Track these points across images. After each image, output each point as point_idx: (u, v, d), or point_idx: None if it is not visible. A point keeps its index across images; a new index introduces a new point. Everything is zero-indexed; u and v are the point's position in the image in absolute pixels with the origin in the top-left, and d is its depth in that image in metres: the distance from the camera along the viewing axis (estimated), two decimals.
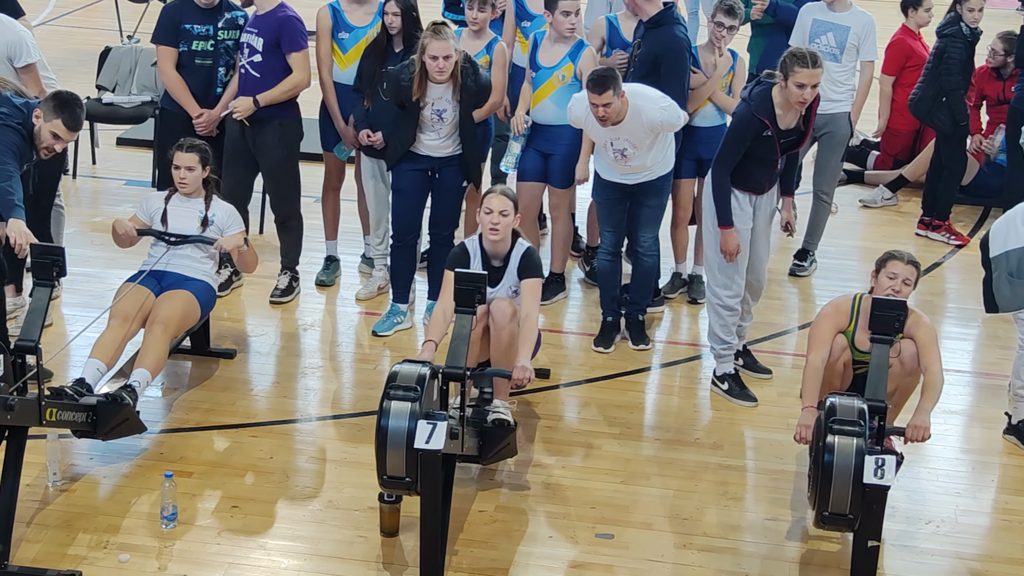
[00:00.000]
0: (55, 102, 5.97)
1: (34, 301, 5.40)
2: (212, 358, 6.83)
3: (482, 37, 7.41)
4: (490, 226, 5.94)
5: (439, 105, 6.79)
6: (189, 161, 6.49)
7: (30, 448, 5.31)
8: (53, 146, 6.03)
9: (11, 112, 5.95)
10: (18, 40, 6.96)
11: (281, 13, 7.19)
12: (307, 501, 5.61)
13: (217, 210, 6.56)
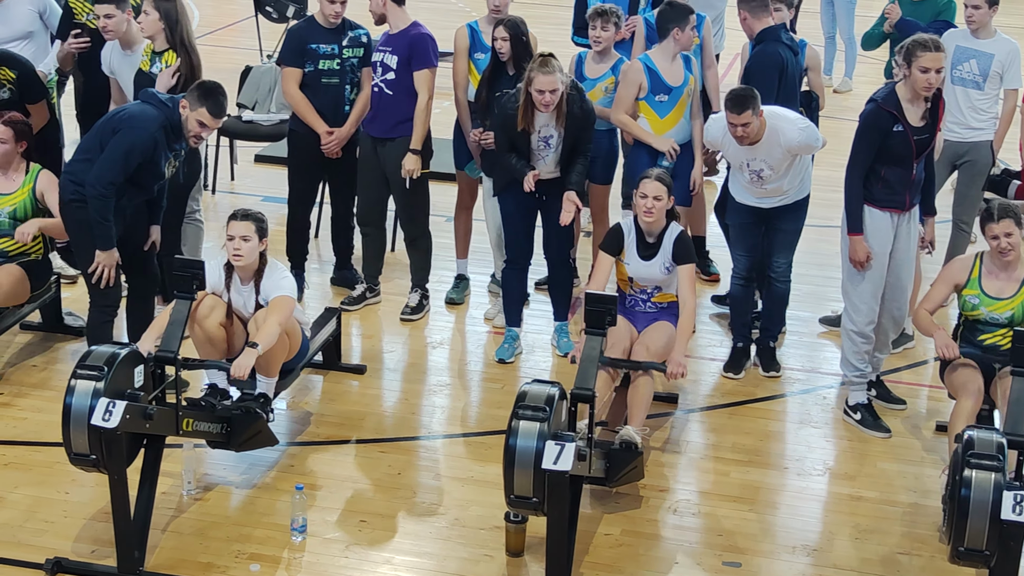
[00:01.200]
0: (200, 91, 6.14)
1: (174, 313, 5.52)
2: (343, 373, 6.91)
3: (607, 58, 7.45)
4: (644, 209, 6.15)
5: (545, 132, 6.82)
6: (244, 230, 5.94)
7: (166, 457, 5.43)
8: (200, 133, 6.20)
9: (156, 107, 6.14)
10: None
11: (414, 31, 7.28)
12: (434, 518, 5.64)
13: (265, 287, 6.07)
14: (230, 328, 6.03)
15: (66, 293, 7.29)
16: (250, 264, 5.97)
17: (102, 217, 6.09)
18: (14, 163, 6.76)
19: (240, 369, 5.58)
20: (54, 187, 6.61)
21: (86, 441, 4.97)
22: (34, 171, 6.80)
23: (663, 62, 7.22)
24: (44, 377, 6.72)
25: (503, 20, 7.18)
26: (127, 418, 4.96)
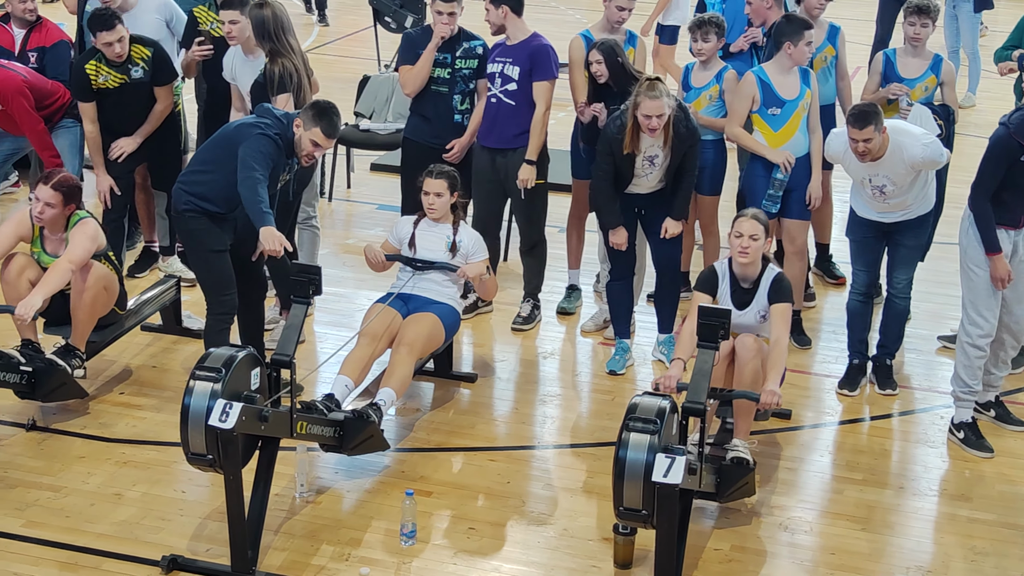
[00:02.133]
0: (314, 111, 6.21)
1: (290, 318, 5.60)
2: (454, 381, 6.95)
3: (711, 66, 7.42)
4: (739, 249, 5.95)
5: (651, 152, 6.79)
6: (438, 187, 6.63)
7: (280, 459, 5.50)
8: (313, 153, 6.27)
9: (272, 123, 6.22)
10: None
11: (536, 42, 7.31)
12: (542, 527, 5.64)
13: (464, 236, 6.68)
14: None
15: (186, 296, 7.42)
16: (443, 215, 6.67)
17: (256, 196, 6.00)
18: (60, 224, 6.45)
19: (471, 270, 6.39)
20: (80, 234, 6.38)
21: (203, 441, 5.06)
22: (72, 222, 6.44)
23: (776, 75, 7.15)
24: (163, 378, 6.86)
25: (596, 44, 7.18)
26: (243, 420, 5.04)
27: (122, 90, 7.47)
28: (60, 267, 6.21)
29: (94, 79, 7.41)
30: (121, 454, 6.08)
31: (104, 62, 7.40)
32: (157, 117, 7.65)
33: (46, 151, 7.70)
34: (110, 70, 7.43)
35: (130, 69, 7.46)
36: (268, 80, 7.00)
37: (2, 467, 5.90)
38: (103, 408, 6.50)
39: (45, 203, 6.33)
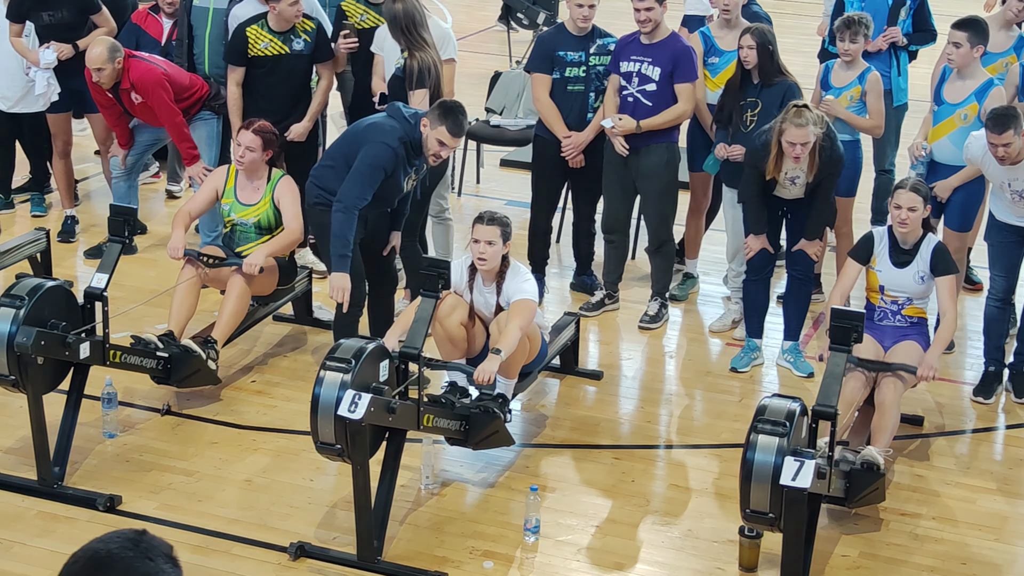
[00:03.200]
0: (440, 110, 6.25)
1: (419, 311, 5.64)
2: (580, 378, 6.95)
3: (854, 67, 7.31)
4: (899, 220, 6.05)
5: (793, 174, 6.72)
6: (490, 235, 6.06)
7: (406, 451, 5.54)
8: (439, 152, 6.30)
9: (399, 122, 6.28)
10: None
11: (678, 43, 7.28)
12: (667, 527, 5.61)
13: (509, 290, 6.11)
14: (471, 328, 6.13)
15: (317, 287, 7.53)
16: (493, 267, 6.06)
17: (342, 235, 6.17)
18: (259, 172, 6.80)
19: (484, 374, 5.67)
20: (289, 194, 6.74)
21: (332, 431, 5.12)
22: (275, 178, 6.83)
23: (954, 75, 7.09)
24: (294, 367, 6.97)
25: (749, 28, 7.12)
26: (371, 411, 5.09)
27: (279, 60, 7.56)
28: (291, 233, 6.73)
29: (253, 44, 7.51)
30: (252, 441, 6.19)
31: (267, 29, 7.51)
32: (323, 94, 7.74)
33: (184, 142, 7.86)
34: (272, 37, 7.53)
35: (292, 40, 7.56)
36: (407, 75, 7.06)
37: (138, 451, 6.05)
38: (235, 395, 6.62)
39: (246, 147, 6.67)
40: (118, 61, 7.59)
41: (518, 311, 5.91)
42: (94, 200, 9.24)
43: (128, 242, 6.21)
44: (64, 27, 8.25)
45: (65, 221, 8.64)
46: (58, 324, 5.70)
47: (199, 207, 6.91)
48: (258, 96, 7.64)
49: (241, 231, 6.84)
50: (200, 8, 8.05)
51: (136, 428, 6.27)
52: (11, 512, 5.50)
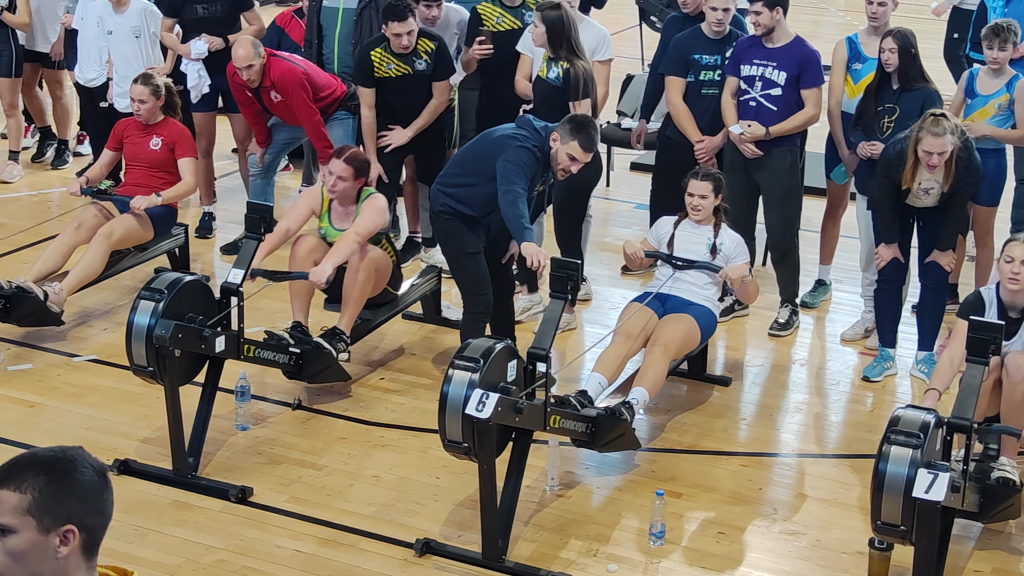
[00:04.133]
0: (572, 124, 6.24)
1: (548, 312, 5.66)
2: (707, 384, 6.89)
3: (1001, 74, 7.16)
4: (1010, 275, 5.67)
5: (928, 184, 6.60)
6: (703, 189, 6.58)
7: (532, 452, 5.55)
8: (569, 167, 6.29)
9: (530, 134, 6.28)
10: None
11: (804, 48, 7.20)
12: (794, 537, 5.54)
13: (725, 238, 6.61)
14: None
15: (446, 287, 7.59)
16: (706, 219, 6.61)
17: (516, 212, 6.13)
18: (351, 198, 6.72)
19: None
20: (370, 207, 6.66)
21: (460, 429, 5.16)
22: (363, 196, 6.74)
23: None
24: (422, 366, 7.03)
25: (892, 31, 7.01)
26: (499, 410, 5.11)
27: (403, 80, 7.67)
28: (348, 238, 6.52)
29: (378, 67, 7.63)
30: (380, 437, 6.26)
31: (389, 51, 7.61)
32: (431, 112, 7.82)
33: (320, 142, 7.98)
34: (395, 59, 7.63)
35: (414, 61, 7.65)
36: (572, 84, 7.02)
37: (269, 444, 6.16)
38: (364, 392, 6.70)
39: (338, 176, 6.62)
40: (262, 58, 7.75)
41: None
42: (230, 197, 9.42)
43: (263, 238, 6.32)
44: (217, 21, 8.45)
45: (203, 217, 8.84)
46: (195, 318, 5.83)
47: (296, 226, 6.78)
48: (390, 112, 7.75)
49: None
50: (330, 8, 8.18)
51: (268, 422, 6.38)
52: (147, 500, 5.64)
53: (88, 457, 2.42)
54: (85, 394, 6.56)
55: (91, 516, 2.40)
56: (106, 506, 2.43)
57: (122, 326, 6.25)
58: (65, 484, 2.37)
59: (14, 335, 7.09)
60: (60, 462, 2.39)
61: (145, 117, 7.61)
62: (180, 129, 7.69)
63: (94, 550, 2.42)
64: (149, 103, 7.56)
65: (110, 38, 8.57)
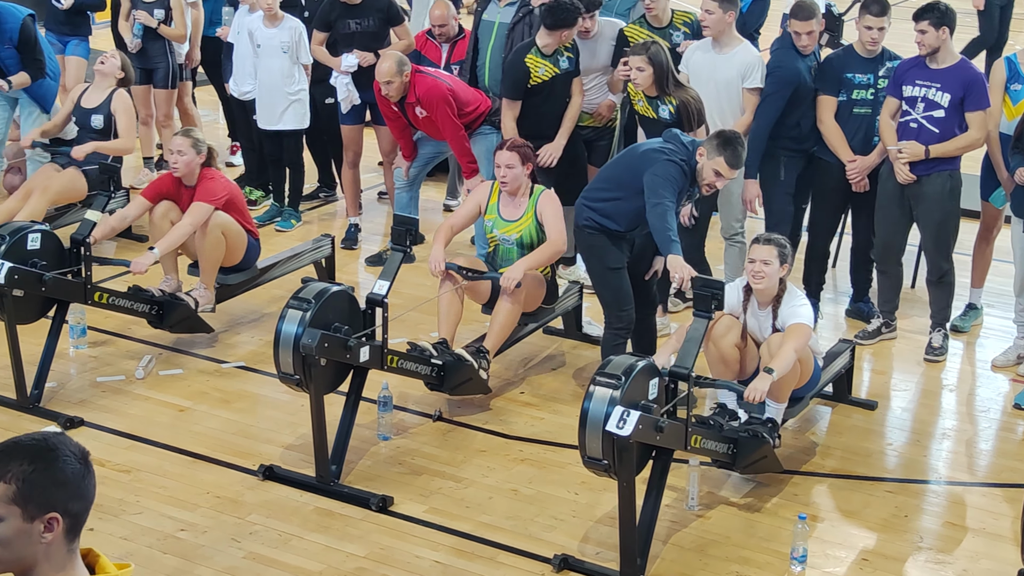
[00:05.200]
0: (719, 140, 6.20)
1: (691, 331, 5.61)
2: (853, 407, 6.77)
3: None
4: None
5: None
6: (766, 255, 6.00)
7: (672, 471, 5.51)
8: (714, 183, 6.25)
9: (677, 148, 6.25)
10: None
11: (969, 70, 7.05)
12: (940, 566, 5.40)
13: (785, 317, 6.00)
14: (743, 350, 6.06)
15: (587, 303, 7.58)
16: (769, 288, 5.98)
17: (664, 226, 6.12)
18: (521, 188, 6.80)
19: (754, 393, 5.60)
20: (552, 207, 6.74)
21: (600, 446, 5.13)
22: (537, 192, 6.83)
23: None
24: (562, 381, 7.03)
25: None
26: (640, 428, 5.08)
27: (553, 82, 7.70)
28: (553, 245, 6.67)
29: (533, 73, 7.65)
30: (519, 451, 6.27)
31: (539, 54, 7.65)
32: (574, 115, 7.81)
33: (464, 156, 8.05)
34: (545, 62, 7.66)
35: (559, 59, 7.68)
36: (685, 117, 6.95)
37: (410, 454, 6.21)
38: (504, 406, 6.73)
39: (506, 165, 6.71)
40: (405, 75, 7.84)
41: (793, 334, 5.82)
42: (375, 209, 9.55)
43: (408, 251, 6.39)
44: (368, 36, 8.61)
45: (349, 228, 8.97)
46: (341, 328, 5.91)
47: (462, 221, 7.00)
48: (529, 122, 7.74)
49: (504, 249, 6.91)
50: (487, 22, 8.26)
51: (409, 432, 6.44)
52: (290, 506, 5.73)
53: (70, 443, 2.51)
54: (233, 400, 6.70)
55: (74, 502, 2.49)
56: (88, 491, 2.52)
57: (269, 334, 6.38)
58: (48, 472, 2.46)
59: (166, 341, 7.27)
60: (42, 451, 2.48)
61: (182, 172, 7.14)
62: (207, 187, 7.18)
63: (76, 532, 2.51)
64: (188, 156, 7.10)
65: (259, 51, 8.76)
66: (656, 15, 7.85)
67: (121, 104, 8.41)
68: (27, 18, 8.74)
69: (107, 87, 8.45)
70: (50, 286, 6.52)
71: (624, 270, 6.46)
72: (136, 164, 9.91)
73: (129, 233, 8.64)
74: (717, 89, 7.33)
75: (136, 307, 6.93)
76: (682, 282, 6.00)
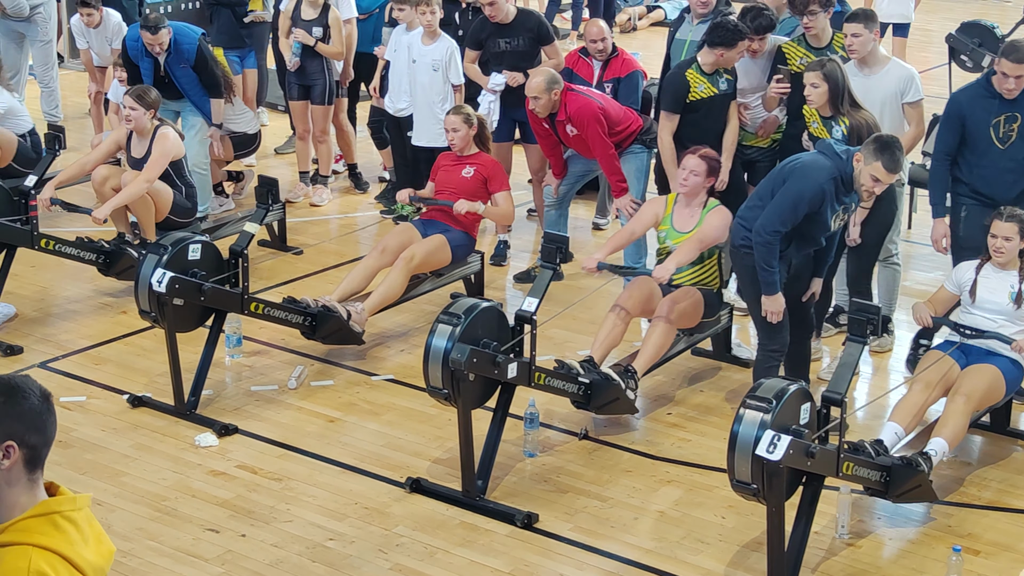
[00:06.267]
0: (876, 145, 6.10)
1: (845, 356, 5.51)
2: (1011, 438, 6.57)
3: None
4: None
5: None
6: (1008, 231, 6.26)
7: (822, 497, 5.41)
8: (872, 188, 6.15)
9: (830, 158, 6.18)
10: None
11: None
12: None
13: None
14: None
15: (736, 325, 7.50)
16: (1010, 263, 6.27)
17: (765, 263, 6.19)
18: (698, 198, 6.88)
19: None
20: (718, 221, 6.76)
21: (749, 470, 5.07)
22: (710, 206, 6.89)
23: None
24: (710, 403, 6.96)
25: None
26: (790, 453, 5.01)
27: (711, 102, 7.65)
28: (692, 243, 6.75)
29: (693, 89, 7.62)
30: (665, 473, 6.23)
31: (699, 71, 7.60)
32: (734, 136, 7.75)
33: (614, 175, 8.04)
34: (704, 79, 7.62)
35: (719, 80, 7.63)
36: (856, 137, 6.79)
37: (555, 472, 6.21)
38: (651, 426, 6.69)
39: (691, 171, 6.88)
40: (555, 92, 7.87)
41: None
42: (524, 226, 9.59)
43: (558, 268, 6.40)
44: (518, 55, 8.69)
45: (498, 245, 9.02)
46: (489, 343, 5.94)
47: (641, 229, 7.18)
48: (688, 141, 7.68)
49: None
50: (679, 41, 8.29)
51: (554, 450, 6.44)
52: (437, 520, 5.77)
53: (32, 384, 2.79)
54: (381, 412, 6.78)
55: (31, 434, 2.75)
56: (46, 427, 2.79)
57: (418, 348, 6.45)
58: (7, 406, 2.74)
59: (318, 352, 7.39)
60: (6, 388, 2.75)
61: (459, 146, 7.83)
62: (493, 162, 7.90)
63: (36, 464, 2.78)
64: (462, 131, 7.77)
65: (414, 66, 8.88)
66: (815, 34, 7.73)
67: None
68: (201, 37, 9.01)
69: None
70: (209, 296, 6.69)
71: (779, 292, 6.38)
72: (292, 179, 10.11)
73: (283, 245, 8.84)
74: (875, 111, 7.18)
75: (290, 318, 7.07)
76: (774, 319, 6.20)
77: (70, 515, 2.77)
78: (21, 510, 2.75)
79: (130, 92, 8.20)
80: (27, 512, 2.74)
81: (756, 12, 7.75)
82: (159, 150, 8.08)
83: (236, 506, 5.83)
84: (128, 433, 6.48)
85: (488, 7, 8.64)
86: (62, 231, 8.38)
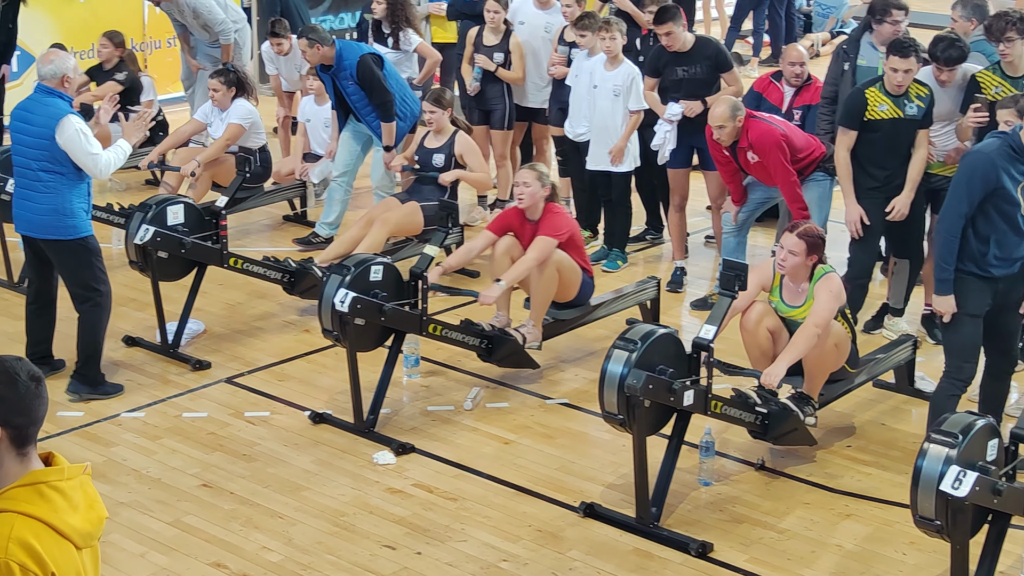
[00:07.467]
0: None
1: None
2: None
3: None
4: None
5: None
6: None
7: (1008, 536, 5.24)
8: None
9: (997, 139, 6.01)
10: None
11: None
12: None
13: None
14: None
15: (920, 358, 7.31)
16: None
17: (943, 259, 5.99)
18: (802, 275, 6.47)
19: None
20: (825, 292, 6.36)
21: (933, 506, 4.94)
22: (818, 275, 6.46)
23: None
24: (891, 436, 6.79)
25: None
26: (976, 490, 4.87)
27: (894, 124, 7.46)
28: (807, 331, 6.24)
29: (872, 107, 7.47)
30: (844, 506, 6.10)
31: (884, 92, 7.45)
32: (921, 164, 7.53)
33: (795, 203, 7.93)
34: (888, 99, 7.46)
35: (906, 104, 7.45)
36: None
37: (731, 501, 6.14)
38: (830, 458, 6.56)
39: (789, 251, 6.43)
40: (739, 120, 7.81)
41: None
42: (701, 253, 9.53)
43: (736, 296, 6.31)
44: (696, 83, 8.65)
45: (675, 272, 8.98)
46: (665, 370, 5.91)
47: (744, 302, 6.47)
48: (865, 160, 7.53)
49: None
50: (865, 68, 8.14)
51: (730, 479, 6.37)
52: (610, 545, 5.76)
53: (22, 367, 2.93)
54: (556, 435, 6.80)
55: (16, 415, 2.91)
56: (34, 408, 2.94)
57: (592, 372, 6.44)
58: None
59: (493, 374, 7.45)
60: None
61: (527, 204, 7.33)
62: (551, 222, 7.34)
63: (24, 441, 2.94)
64: (533, 187, 7.28)
65: (595, 91, 8.91)
66: (1011, 62, 7.48)
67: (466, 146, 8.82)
68: (366, 56, 9.12)
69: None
70: (389, 317, 6.81)
71: (980, 320, 6.17)
72: (471, 201, 10.23)
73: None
74: None
75: (467, 340, 7.15)
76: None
77: (57, 484, 2.94)
78: (12, 480, 2.93)
79: (428, 97, 8.77)
80: (14, 483, 2.93)
81: (948, 43, 7.53)
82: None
83: (412, 524, 5.91)
84: (309, 449, 6.62)
85: (665, 37, 8.62)
86: (250, 250, 8.66)
